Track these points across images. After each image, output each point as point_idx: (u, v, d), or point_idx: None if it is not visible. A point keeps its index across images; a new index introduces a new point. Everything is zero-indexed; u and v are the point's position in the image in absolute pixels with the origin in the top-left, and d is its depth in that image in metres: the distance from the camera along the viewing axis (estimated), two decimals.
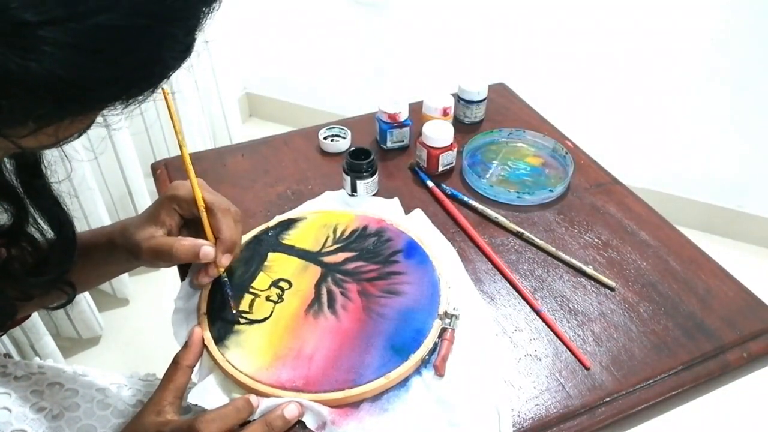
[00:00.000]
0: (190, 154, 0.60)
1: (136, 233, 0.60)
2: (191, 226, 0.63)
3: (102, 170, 1.48)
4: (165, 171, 0.85)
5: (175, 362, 0.56)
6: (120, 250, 0.62)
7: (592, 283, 0.69)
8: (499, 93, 1.02)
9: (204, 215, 0.60)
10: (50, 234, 0.55)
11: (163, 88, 0.55)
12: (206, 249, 0.58)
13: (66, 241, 0.55)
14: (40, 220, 0.53)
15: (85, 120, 0.36)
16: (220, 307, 0.62)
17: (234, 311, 0.61)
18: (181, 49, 0.34)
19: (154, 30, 0.31)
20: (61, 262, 0.55)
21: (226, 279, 0.62)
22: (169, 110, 0.56)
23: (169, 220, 0.61)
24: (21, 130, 0.32)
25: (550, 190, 0.80)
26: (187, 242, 0.58)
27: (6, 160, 0.48)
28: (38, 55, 0.27)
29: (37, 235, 0.54)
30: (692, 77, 1.61)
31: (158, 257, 0.59)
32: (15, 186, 0.50)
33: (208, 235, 0.60)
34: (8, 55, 0.27)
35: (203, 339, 0.58)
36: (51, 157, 0.51)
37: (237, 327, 0.60)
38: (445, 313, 0.61)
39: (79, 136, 0.37)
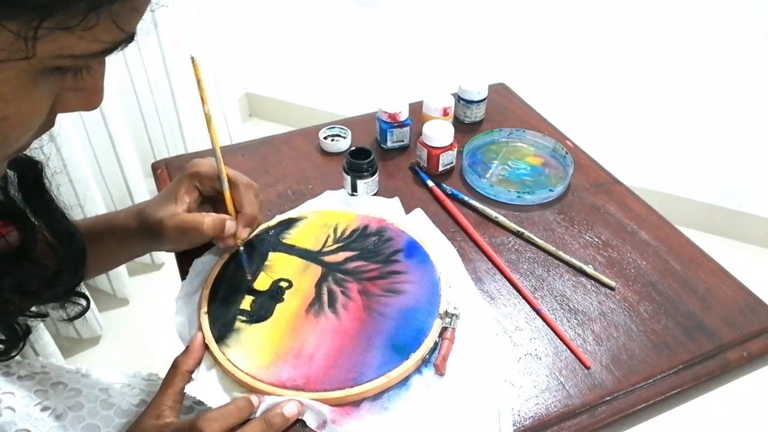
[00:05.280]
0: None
1: (156, 212, 0.61)
2: (209, 202, 0.65)
3: (102, 170, 1.48)
4: (165, 170, 0.85)
5: (175, 366, 0.56)
6: (136, 234, 0.63)
7: (592, 282, 0.69)
8: (499, 93, 1.02)
9: (227, 189, 0.61)
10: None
11: (192, 57, 0.56)
12: (230, 223, 0.61)
13: (76, 252, 0.55)
14: (48, 235, 0.52)
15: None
16: (222, 306, 0.62)
17: (249, 277, 0.64)
18: None
19: None
20: (73, 275, 0.55)
21: (244, 252, 0.64)
22: (198, 82, 0.57)
23: (188, 197, 0.62)
24: None
25: (550, 190, 0.80)
26: (211, 218, 0.60)
27: (10, 175, 0.48)
28: None
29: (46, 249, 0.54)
30: (692, 77, 1.61)
31: (185, 233, 0.60)
32: (20, 204, 0.49)
33: (229, 208, 0.62)
34: None
35: (204, 344, 0.58)
36: (53, 168, 0.51)
37: (238, 325, 0.60)
38: (446, 313, 0.62)
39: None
